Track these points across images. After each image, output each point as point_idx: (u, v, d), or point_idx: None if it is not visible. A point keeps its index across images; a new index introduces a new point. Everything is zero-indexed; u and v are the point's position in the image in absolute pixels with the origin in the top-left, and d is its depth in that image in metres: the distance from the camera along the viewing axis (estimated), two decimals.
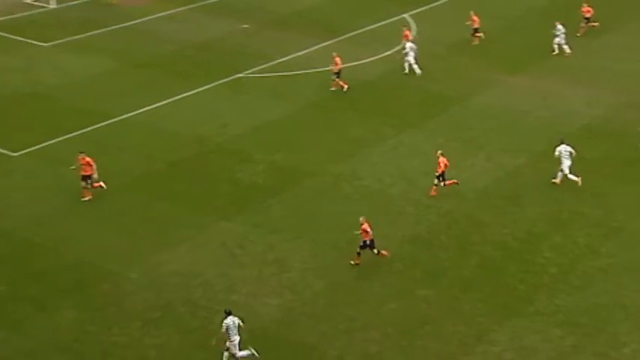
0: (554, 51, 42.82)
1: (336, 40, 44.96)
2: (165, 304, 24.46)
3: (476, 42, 43.95)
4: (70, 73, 40.22)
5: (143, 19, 47.59)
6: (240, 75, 40.51)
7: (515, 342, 23.39)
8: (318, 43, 43.97)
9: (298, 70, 40.28)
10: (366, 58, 42.13)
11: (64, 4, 49.38)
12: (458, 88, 39.75)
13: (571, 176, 30.45)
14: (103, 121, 35.41)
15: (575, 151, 30.65)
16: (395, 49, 42.91)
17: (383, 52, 42.62)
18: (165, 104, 37.34)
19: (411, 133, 35.17)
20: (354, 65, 41.60)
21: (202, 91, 38.73)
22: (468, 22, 44.06)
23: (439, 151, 30.16)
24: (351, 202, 29.90)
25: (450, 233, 28.26)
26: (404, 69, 40.38)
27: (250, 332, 23.40)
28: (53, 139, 33.70)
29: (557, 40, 42.73)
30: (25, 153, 32.55)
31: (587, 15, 44.84)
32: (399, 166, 32.19)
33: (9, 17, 47.17)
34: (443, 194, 30.43)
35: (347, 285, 25.63)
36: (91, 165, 28.96)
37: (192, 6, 49.93)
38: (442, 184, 30.00)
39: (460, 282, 25.86)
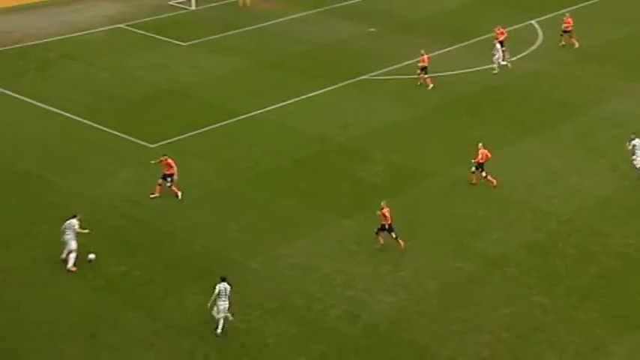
0: None
1: (460, 45, 45.00)
2: (284, 295, 25.39)
3: (563, 43, 43.79)
4: (205, 71, 41.95)
5: (275, 21, 49.10)
6: (365, 77, 41.25)
7: (636, 356, 22.96)
8: (442, 48, 44.12)
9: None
10: (490, 64, 41.95)
11: (203, 6, 51.66)
12: (584, 95, 39.03)
13: None
14: (233, 118, 36.94)
15: None
16: (519, 56, 42.57)
17: (508, 58, 42.28)
18: (293, 103, 38.50)
19: (533, 140, 34.90)
20: (477, 70, 41.60)
21: (328, 91, 39.69)
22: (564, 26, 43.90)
23: (480, 144, 30.71)
24: (469, 205, 30.07)
25: (570, 241, 27.97)
26: (494, 69, 40.82)
27: (364, 328, 24.09)
28: (186, 133, 35.46)
29: None
30: (161, 145, 34.29)
31: None
32: (520, 172, 32.02)
33: (155, 18, 49.66)
34: (564, 202, 30.16)
35: (460, 287, 25.88)
36: (172, 166, 30.14)
37: (321, 9, 51.09)
38: (482, 174, 30.62)
39: (577, 291, 25.59)
